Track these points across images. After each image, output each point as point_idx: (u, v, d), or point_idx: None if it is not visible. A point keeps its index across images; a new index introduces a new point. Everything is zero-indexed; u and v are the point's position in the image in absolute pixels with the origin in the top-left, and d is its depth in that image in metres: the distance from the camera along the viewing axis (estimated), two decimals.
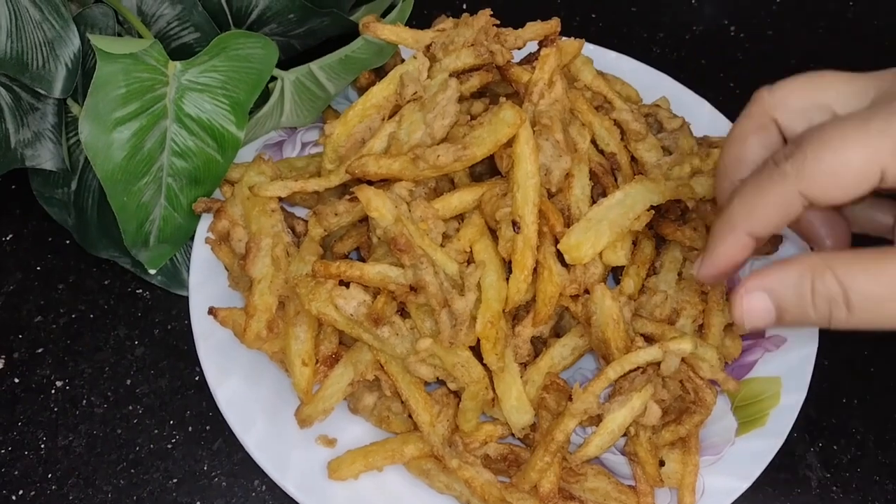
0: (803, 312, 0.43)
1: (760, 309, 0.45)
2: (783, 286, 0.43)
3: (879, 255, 0.41)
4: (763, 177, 0.44)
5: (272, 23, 0.74)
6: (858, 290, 0.41)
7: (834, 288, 0.42)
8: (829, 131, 0.42)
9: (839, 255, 0.42)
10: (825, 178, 0.42)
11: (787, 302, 0.44)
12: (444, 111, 0.60)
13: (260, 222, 0.62)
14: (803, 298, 0.43)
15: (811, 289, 0.42)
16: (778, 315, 0.45)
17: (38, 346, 0.68)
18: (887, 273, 0.41)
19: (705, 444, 0.61)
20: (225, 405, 0.60)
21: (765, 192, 0.44)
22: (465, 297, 0.54)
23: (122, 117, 0.61)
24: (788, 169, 0.43)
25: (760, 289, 0.44)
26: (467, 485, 0.56)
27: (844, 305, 0.42)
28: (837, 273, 0.42)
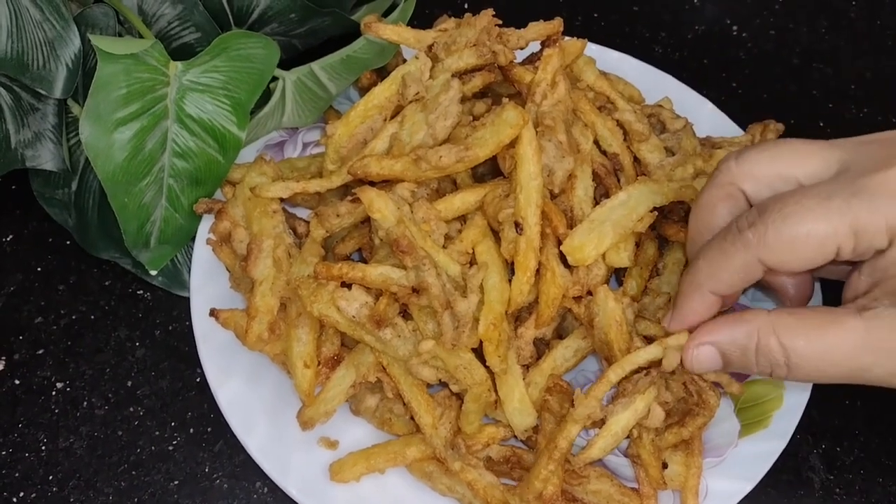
0: (747, 367, 0.49)
1: (708, 359, 0.50)
2: (730, 343, 0.49)
3: (824, 321, 0.46)
4: (727, 242, 0.48)
5: (273, 22, 0.73)
6: (799, 354, 0.46)
7: (776, 351, 0.46)
8: (791, 205, 0.45)
9: (785, 318, 0.47)
10: (784, 250, 0.45)
11: (733, 356, 0.49)
12: (446, 112, 0.59)
13: (261, 223, 0.61)
14: (748, 357, 0.48)
15: (755, 349, 0.47)
16: (724, 365, 0.50)
17: (38, 347, 0.68)
18: (827, 340, 0.45)
19: (708, 447, 0.60)
20: (226, 407, 0.60)
21: (728, 256, 0.48)
22: (468, 298, 0.54)
23: (122, 118, 0.61)
24: (750, 237, 0.46)
25: (709, 342, 0.49)
26: (470, 487, 0.56)
27: (785, 366, 0.46)
28: (781, 338, 0.46)
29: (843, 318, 0.45)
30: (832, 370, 0.46)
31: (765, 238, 0.46)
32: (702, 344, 0.50)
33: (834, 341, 0.45)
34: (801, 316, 0.47)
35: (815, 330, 0.46)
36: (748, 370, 0.49)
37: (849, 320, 0.45)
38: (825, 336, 0.45)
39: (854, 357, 0.45)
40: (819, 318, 0.46)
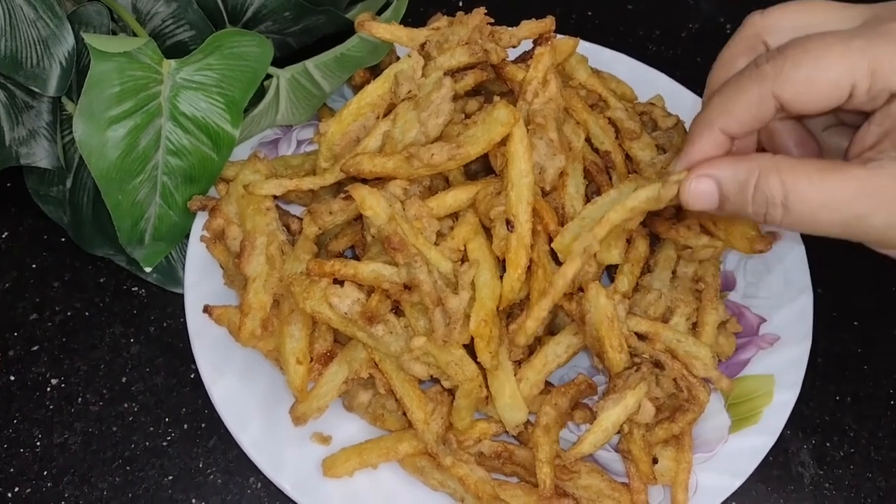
0: (743, 206, 0.47)
1: (705, 193, 0.48)
2: (730, 177, 0.47)
3: (826, 166, 0.45)
4: (743, 76, 0.47)
5: (267, 20, 0.74)
6: (798, 194, 0.45)
7: (776, 190, 0.45)
8: (813, 41, 0.45)
9: (790, 160, 0.46)
10: (800, 84, 0.45)
11: (730, 193, 0.47)
12: (438, 110, 0.60)
13: (255, 220, 0.62)
14: (745, 194, 0.46)
15: (755, 185, 0.46)
16: (720, 203, 0.48)
17: (33, 343, 0.68)
18: (828, 182, 0.44)
19: (698, 442, 0.61)
20: (220, 403, 0.60)
21: (742, 90, 0.47)
22: (459, 295, 0.54)
23: (116, 116, 0.61)
24: (768, 70, 0.46)
25: (710, 175, 0.48)
26: (461, 482, 0.57)
27: (781, 206, 0.45)
28: (783, 176, 0.45)
29: (848, 167, 0.45)
30: (828, 216, 0.45)
31: (782, 70, 0.45)
32: (702, 176, 0.48)
33: (835, 185, 0.44)
34: (805, 161, 0.46)
35: (817, 173, 0.45)
36: (742, 210, 0.47)
37: (853, 169, 0.45)
38: (827, 179, 0.44)
39: (853, 203, 0.44)
40: (823, 164, 0.45)
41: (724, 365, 0.64)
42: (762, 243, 0.62)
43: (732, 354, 0.64)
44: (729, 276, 0.69)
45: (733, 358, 0.65)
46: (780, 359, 0.64)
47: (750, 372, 0.64)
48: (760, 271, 0.69)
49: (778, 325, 0.66)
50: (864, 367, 0.71)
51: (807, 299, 0.67)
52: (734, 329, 0.64)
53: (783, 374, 0.63)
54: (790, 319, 0.66)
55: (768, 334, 0.66)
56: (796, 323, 0.66)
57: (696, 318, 0.61)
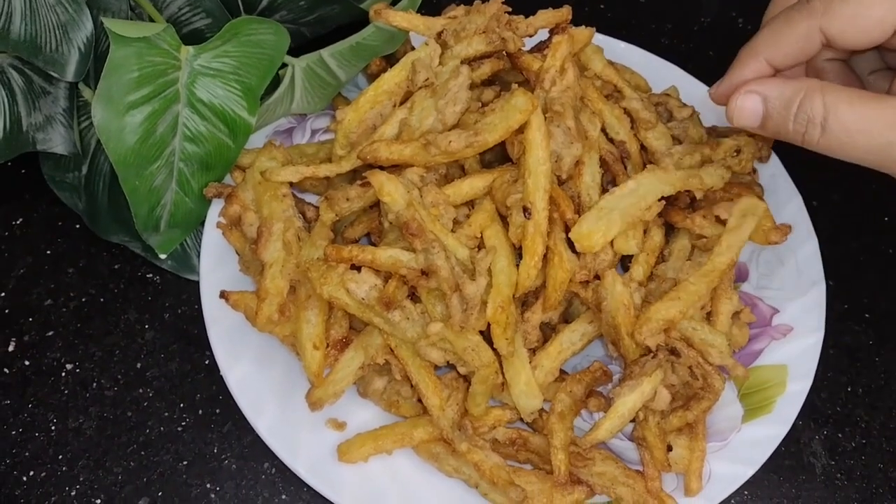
0: (784, 124, 0.50)
1: (750, 110, 0.51)
2: (776, 95, 0.50)
3: (869, 95, 0.47)
4: (793, 10, 0.50)
5: (282, 10, 0.74)
6: (838, 116, 0.47)
7: (818, 110, 0.48)
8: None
9: (836, 86, 0.48)
10: (847, 20, 0.48)
11: (775, 111, 0.50)
12: (455, 98, 0.60)
13: (271, 207, 0.62)
14: (789, 111, 0.49)
15: (798, 104, 0.49)
16: (763, 120, 0.51)
17: (48, 329, 0.69)
18: (870, 109, 0.47)
19: (712, 431, 0.61)
20: (236, 389, 0.61)
21: (792, 23, 0.50)
22: (476, 281, 0.55)
23: (134, 101, 0.61)
24: (817, 5, 0.49)
25: (757, 92, 0.50)
26: (476, 468, 0.57)
27: (820, 126, 0.48)
28: (826, 98, 0.48)
29: (888, 98, 0.47)
30: (864, 141, 0.47)
31: (830, 6, 0.48)
32: (749, 92, 0.51)
33: (873, 112, 0.47)
34: (850, 88, 0.48)
35: (858, 99, 0.47)
36: (783, 128, 0.50)
37: (892, 99, 0.47)
38: (867, 105, 0.47)
39: (887, 130, 0.46)
40: (865, 93, 0.48)
41: (738, 355, 0.65)
42: (777, 235, 0.62)
43: (746, 345, 0.64)
44: (742, 267, 0.69)
45: (746, 348, 0.65)
46: (792, 349, 0.65)
47: (763, 362, 0.65)
48: (773, 263, 0.69)
49: (791, 316, 0.66)
50: (876, 358, 0.71)
51: (819, 291, 0.67)
52: (748, 319, 0.64)
53: (796, 365, 0.64)
54: (803, 311, 0.66)
55: (781, 325, 0.66)
56: (809, 314, 0.66)
57: (710, 307, 0.61)
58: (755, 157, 0.67)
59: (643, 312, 0.56)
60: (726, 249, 0.59)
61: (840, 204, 0.79)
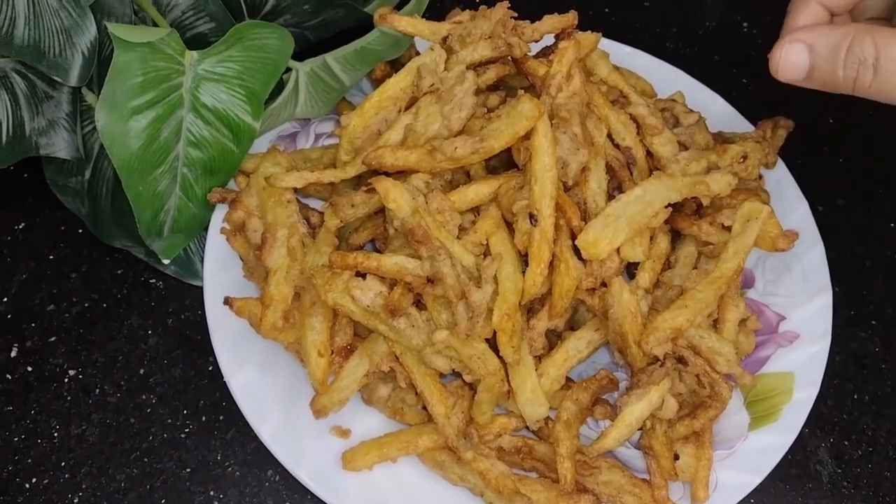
0: (833, 71, 0.47)
1: (796, 62, 0.48)
2: (824, 42, 0.47)
3: None
4: None
5: (287, 13, 0.74)
6: (889, 55, 0.45)
7: (869, 50, 0.45)
8: None
9: (884, 27, 0.46)
10: None
11: (822, 59, 0.47)
12: (461, 103, 0.60)
13: (276, 213, 0.62)
14: (837, 57, 0.47)
15: (847, 48, 0.46)
16: (809, 71, 0.48)
17: (50, 334, 0.68)
18: None
19: (718, 439, 0.61)
20: (240, 395, 0.60)
21: None
22: (483, 289, 0.54)
23: (138, 106, 0.61)
24: None
25: (802, 41, 0.48)
26: (482, 477, 0.56)
27: (872, 68, 0.45)
28: (876, 38, 0.45)
29: None
30: None
31: None
32: (794, 41, 0.48)
33: None
34: None
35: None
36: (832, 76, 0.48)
37: None
38: None
39: None
40: None
41: (744, 362, 0.64)
42: (784, 241, 0.61)
43: (752, 352, 0.64)
44: (748, 274, 0.69)
45: (753, 355, 0.65)
46: (799, 357, 0.64)
47: (769, 370, 0.64)
48: (779, 269, 0.69)
49: (797, 324, 0.66)
50: (883, 366, 0.71)
51: (826, 298, 0.67)
52: (754, 326, 0.63)
53: (802, 372, 0.63)
54: (809, 317, 0.66)
55: (788, 332, 0.66)
56: (815, 321, 0.66)
57: (717, 314, 0.61)
58: (761, 163, 0.66)
59: (650, 321, 0.55)
60: (733, 255, 0.59)
61: (846, 209, 0.79)
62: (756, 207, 0.60)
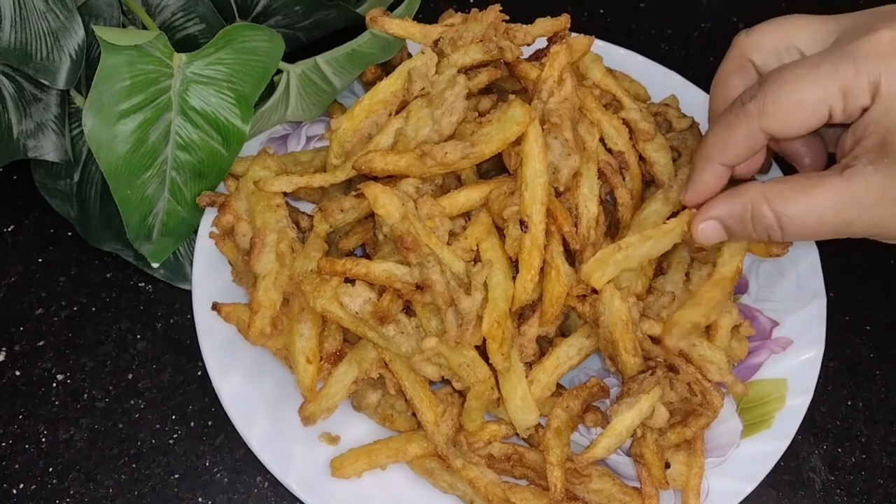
0: (746, 234, 0.54)
1: (713, 232, 0.55)
2: (729, 215, 0.54)
3: (808, 185, 0.50)
4: (731, 115, 0.53)
5: (278, 14, 0.73)
6: (789, 216, 0.50)
7: (769, 217, 0.51)
8: (786, 75, 0.50)
9: (775, 186, 0.51)
10: (781, 117, 0.50)
11: (733, 227, 0.54)
12: (451, 108, 0.59)
13: (265, 217, 0.61)
14: (745, 225, 0.53)
15: (751, 218, 0.52)
16: (728, 236, 0.55)
17: (39, 338, 0.68)
18: (811, 201, 0.50)
19: (710, 446, 0.60)
20: (228, 401, 0.60)
21: (733, 128, 0.52)
22: (472, 296, 0.54)
23: (126, 109, 0.60)
24: (752, 109, 0.51)
25: (711, 217, 0.54)
26: (471, 484, 0.56)
27: (778, 228, 0.51)
28: (772, 204, 0.51)
29: (827, 179, 0.50)
30: (820, 227, 0.50)
31: (764, 108, 0.50)
32: (705, 219, 0.55)
33: (818, 202, 0.50)
34: (790, 182, 0.51)
35: (802, 193, 0.50)
36: (747, 237, 0.54)
37: (831, 180, 0.50)
38: (811, 198, 0.50)
39: (837, 213, 0.49)
40: (805, 182, 0.50)
41: (737, 368, 0.64)
42: (778, 247, 0.61)
43: (745, 358, 0.64)
44: (741, 279, 0.68)
45: (745, 362, 0.64)
46: (792, 363, 0.64)
47: (762, 376, 0.64)
48: (773, 275, 0.68)
49: (791, 329, 0.65)
50: (877, 372, 0.70)
51: (820, 303, 0.66)
52: (747, 332, 0.63)
53: (796, 379, 0.63)
54: (803, 323, 0.65)
55: (781, 338, 0.65)
56: (809, 327, 0.65)
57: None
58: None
59: (669, 320, 0.55)
60: (729, 259, 0.58)
61: None
62: None
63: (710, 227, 0.55)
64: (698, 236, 0.55)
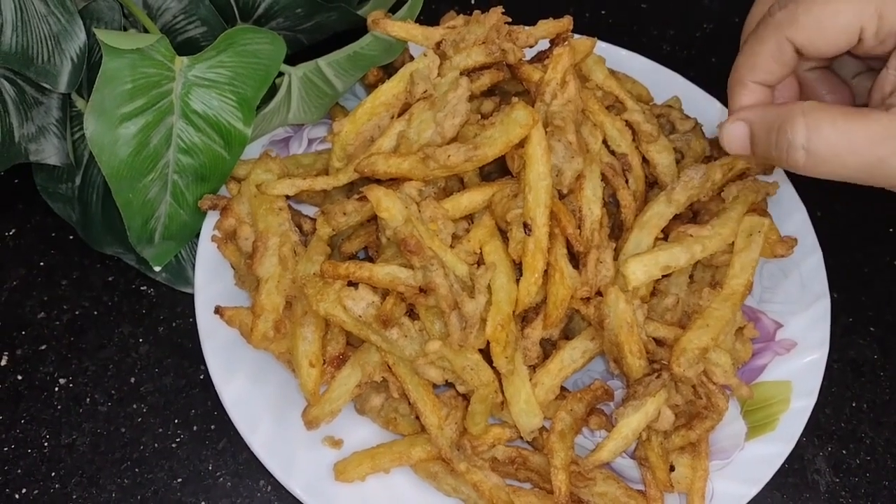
0: (768, 149, 0.50)
1: (740, 138, 0.52)
2: (760, 119, 0.50)
3: (851, 111, 0.47)
4: (759, 28, 0.51)
5: (279, 17, 0.73)
6: (820, 136, 0.47)
7: (800, 131, 0.47)
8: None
9: (818, 105, 0.48)
10: (811, 29, 0.48)
11: (759, 136, 0.51)
12: (454, 110, 0.59)
13: (267, 221, 0.61)
14: (770, 136, 0.49)
15: (779, 128, 0.49)
16: (751, 144, 0.52)
17: (41, 342, 0.68)
18: (851, 125, 0.46)
19: (715, 449, 0.60)
20: (231, 405, 0.60)
21: (761, 41, 0.51)
22: (476, 299, 0.54)
23: (128, 113, 0.60)
24: (780, 17, 0.49)
25: (743, 119, 0.51)
26: (475, 488, 0.56)
27: (802, 149, 0.47)
28: (808, 119, 0.47)
29: (871, 112, 0.47)
30: (850, 158, 0.46)
31: (795, 17, 0.49)
32: (736, 120, 0.52)
33: (857, 128, 0.46)
34: (831, 106, 0.48)
35: (841, 116, 0.47)
36: (768, 152, 0.50)
37: (874, 113, 0.47)
38: (849, 122, 0.46)
39: (875, 146, 0.46)
40: (848, 109, 0.47)
41: (741, 371, 0.64)
42: (783, 248, 0.61)
43: (749, 360, 0.64)
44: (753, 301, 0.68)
45: (750, 364, 0.64)
46: (796, 365, 0.64)
47: (766, 378, 0.64)
48: (777, 276, 0.68)
49: (795, 331, 0.65)
50: (881, 373, 0.70)
51: (824, 305, 0.66)
52: (751, 335, 0.63)
53: (800, 381, 0.63)
54: (807, 325, 0.65)
55: (785, 340, 0.65)
56: (813, 328, 0.65)
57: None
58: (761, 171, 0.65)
59: (677, 344, 0.55)
60: (740, 271, 0.58)
61: (844, 215, 0.78)
62: (757, 221, 0.59)
63: (737, 130, 0.52)
64: (723, 138, 0.52)
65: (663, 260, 0.56)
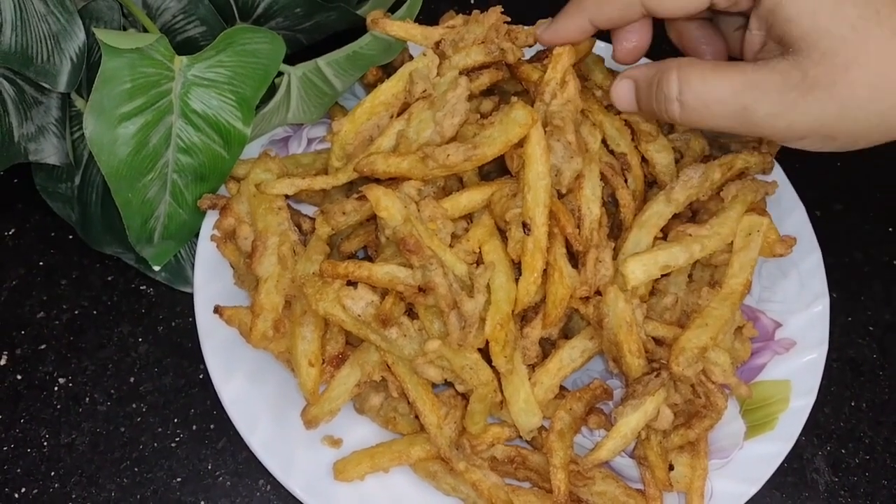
0: (650, 104, 0.53)
1: (624, 93, 0.55)
2: (641, 78, 0.54)
3: (721, 65, 0.50)
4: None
5: (278, 16, 0.73)
6: (690, 90, 0.49)
7: (673, 86, 0.50)
8: None
9: (692, 61, 0.51)
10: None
11: (642, 91, 0.54)
12: (453, 109, 0.59)
13: (266, 220, 0.61)
14: (651, 90, 0.52)
15: (658, 84, 0.51)
16: (637, 100, 0.55)
17: (40, 342, 0.68)
18: (718, 77, 0.49)
19: (714, 448, 0.60)
20: (230, 405, 0.60)
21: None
22: (475, 298, 0.54)
23: (127, 113, 0.60)
24: None
25: (628, 77, 0.55)
26: (474, 487, 0.56)
27: (677, 101, 0.50)
28: (680, 73, 0.50)
29: (738, 64, 0.49)
30: (718, 108, 0.49)
31: None
32: (623, 78, 0.55)
33: (723, 80, 0.49)
34: (704, 62, 0.51)
35: (710, 70, 0.49)
36: (650, 109, 0.53)
37: (740, 65, 0.49)
38: (716, 75, 0.49)
39: (739, 95, 0.48)
40: (718, 64, 0.50)
41: (740, 370, 0.64)
42: (782, 247, 0.61)
43: (748, 359, 0.64)
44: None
45: (749, 363, 0.64)
46: (795, 364, 0.64)
47: (765, 377, 0.64)
48: (776, 276, 0.68)
49: (794, 330, 0.65)
50: (880, 372, 0.70)
51: (823, 304, 0.66)
52: (750, 334, 0.63)
53: (799, 380, 0.63)
54: (806, 324, 0.65)
55: (784, 339, 0.65)
56: (812, 328, 0.65)
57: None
58: (759, 171, 0.65)
59: (676, 343, 0.55)
60: (739, 271, 0.58)
61: (843, 214, 0.78)
62: (756, 221, 0.59)
63: (623, 88, 0.55)
64: (613, 96, 0.56)
65: (662, 259, 0.56)
